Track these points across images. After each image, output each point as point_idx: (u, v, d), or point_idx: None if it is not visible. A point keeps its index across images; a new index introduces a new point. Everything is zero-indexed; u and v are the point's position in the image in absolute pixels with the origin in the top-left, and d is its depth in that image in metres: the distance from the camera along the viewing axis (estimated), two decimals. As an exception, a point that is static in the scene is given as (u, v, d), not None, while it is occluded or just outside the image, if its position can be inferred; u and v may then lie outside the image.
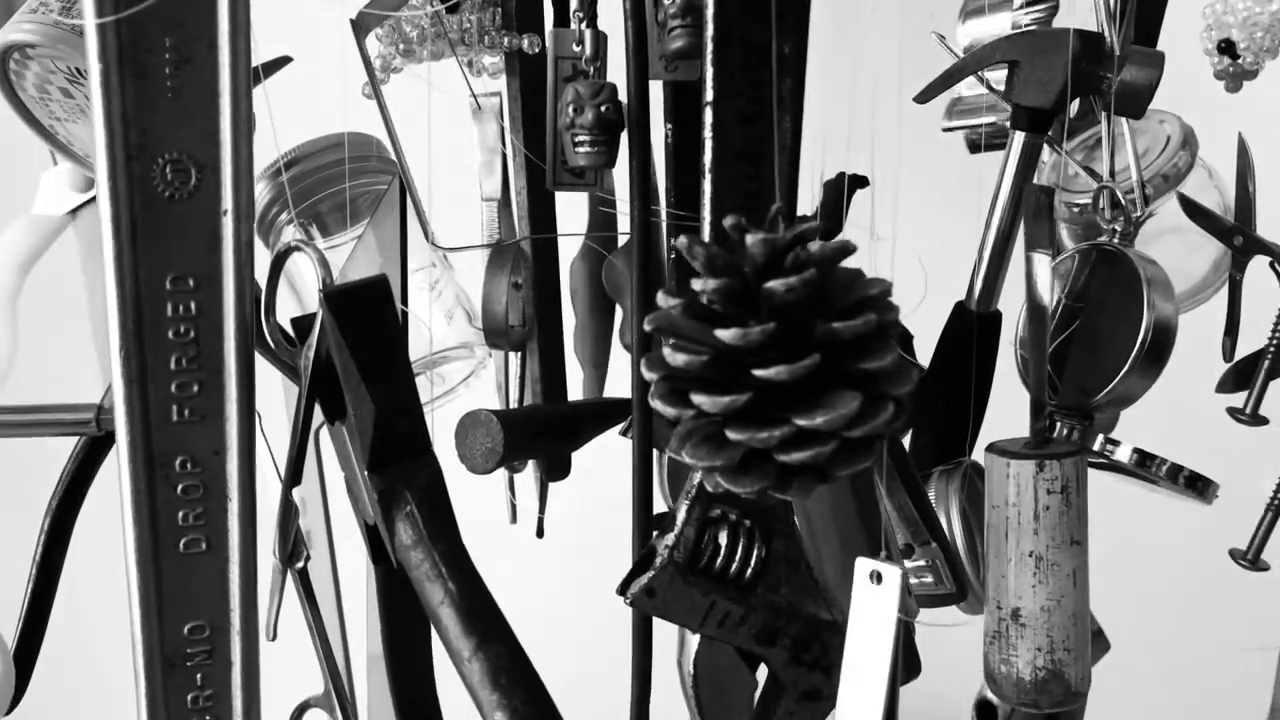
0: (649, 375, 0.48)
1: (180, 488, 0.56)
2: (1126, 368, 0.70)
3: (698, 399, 0.46)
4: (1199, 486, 0.73)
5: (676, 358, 0.47)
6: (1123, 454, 0.74)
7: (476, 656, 0.57)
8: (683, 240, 0.48)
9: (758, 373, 0.46)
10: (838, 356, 0.46)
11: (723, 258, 0.47)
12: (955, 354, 0.77)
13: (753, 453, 0.47)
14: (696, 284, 0.47)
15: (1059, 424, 0.73)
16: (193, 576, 0.57)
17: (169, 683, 0.57)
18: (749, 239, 0.46)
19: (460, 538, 0.60)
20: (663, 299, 0.48)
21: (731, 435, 0.46)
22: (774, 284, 0.45)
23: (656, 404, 0.48)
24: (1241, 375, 0.78)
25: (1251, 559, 0.77)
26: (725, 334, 0.46)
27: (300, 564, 0.64)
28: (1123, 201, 0.73)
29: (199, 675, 0.58)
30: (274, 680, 0.61)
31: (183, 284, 0.55)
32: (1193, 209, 0.77)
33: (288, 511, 0.62)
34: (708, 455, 0.47)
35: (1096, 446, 0.74)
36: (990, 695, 0.72)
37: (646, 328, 0.48)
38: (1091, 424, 0.72)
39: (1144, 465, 0.73)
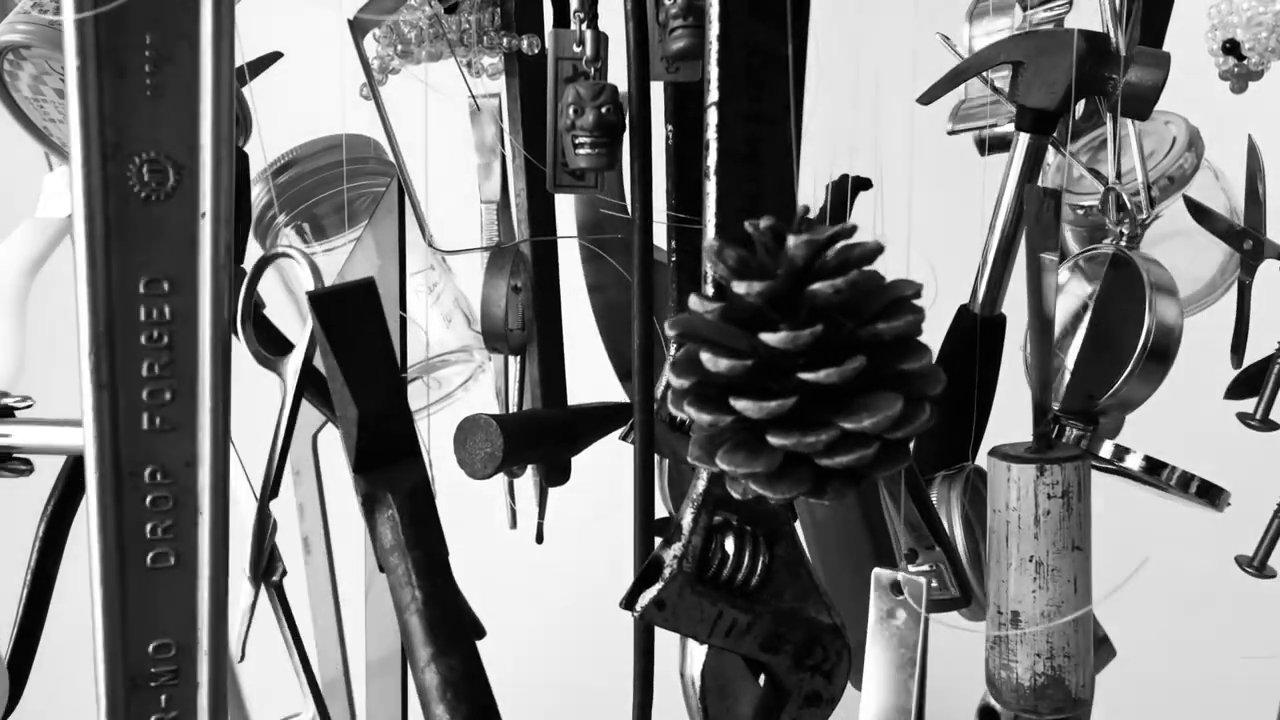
0: (679, 382, 0.47)
1: (149, 499, 0.54)
2: (1128, 371, 0.69)
3: (740, 404, 0.45)
4: (1210, 495, 0.73)
5: (719, 363, 0.46)
6: (1133, 461, 0.73)
7: (429, 667, 0.57)
8: (711, 243, 0.47)
9: (805, 376, 0.45)
10: (875, 359, 0.46)
11: (754, 261, 0.46)
12: (959, 358, 0.76)
13: (789, 458, 0.46)
14: (739, 287, 0.45)
15: (1067, 429, 0.72)
16: (159, 593, 0.54)
17: (131, 703, 0.55)
18: (791, 241, 0.45)
19: (442, 544, 0.60)
20: (696, 303, 0.47)
21: (774, 440, 0.46)
22: (821, 285, 0.45)
23: (689, 410, 0.47)
24: (1251, 381, 0.77)
25: (1258, 566, 0.77)
26: (773, 337, 0.45)
27: (276, 578, 0.63)
28: (1128, 204, 0.72)
29: (163, 696, 0.55)
30: (268, 698, 0.61)
31: (157, 287, 0.53)
32: (1200, 213, 0.76)
33: (264, 525, 0.61)
34: (744, 461, 0.46)
35: (1107, 454, 0.73)
36: (993, 701, 0.71)
37: (670, 333, 0.48)
38: (1097, 428, 0.72)
39: (1154, 473, 0.73)
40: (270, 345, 0.59)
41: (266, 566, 0.61)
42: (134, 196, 0.52)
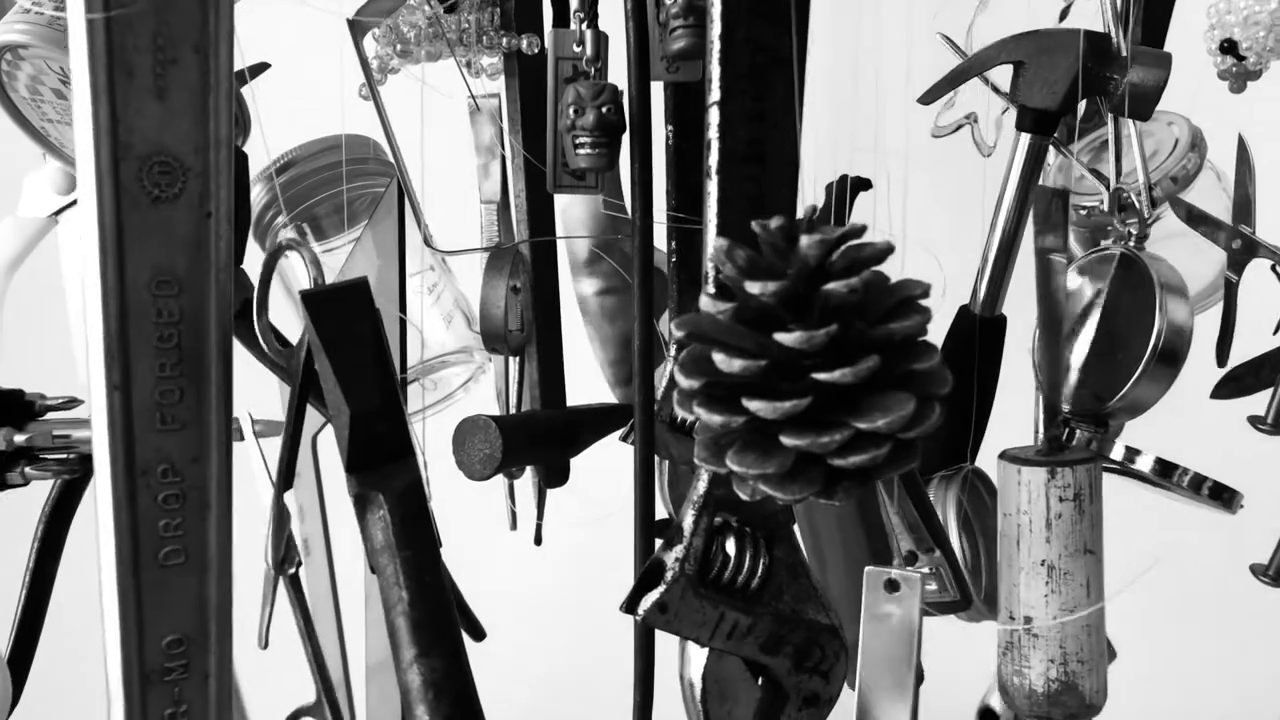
0: (688, 383, 0.47)
1: (160, 497, 0.55)
2: (1139, 373, 0.69)
3: (753, 405, 0.45)
4: (1224, 497, 0.72)
5: (732, 364, 0.46)
6: (1144, 463, 0.73)
7: (412, 668, 0.57)
8: (721, 243, 0.47)
9: (819, 376, 0.45)
10: (886, 358, 0.45)
11: (763, 261, 0.46)
12: (959, 359, 0.76)
13: (801, 458, 0.46)
14: (753, 287, 0.45)
15: (1077, 431, 0.72)
16: (171, 588, 0.55)
17: (147, 698, 0.55)
18: (804, 240, 0.45)
19: (433, 545, 0.59)
20: (708, 303, 0.47)
21: (787, 441, 0.45)
22: (835, 285, 0.45)
23: (699, 412, 0.46)
24: (1240, 380, 0.77)
25: (1273, 575, 0.76)
26: (788, 337, 0.45)
27: (292, 570, 0.63)
28: (1136, 204, 0.72)
29: (176, 690, 0.56)
30: (266, 688, 0.61)
31: (167, 288, 0.54)
32: (1188, 213, 0.76)
33: (280, 516, 0.61)
34: (755, 463, 0.46)
35: (1118, 455, 0.73)
36: (993, 703, 0.71)
37: (677, 333, 0.47)
38: (1107, 431, 0.71)
39: (1166, 475, 0.72)
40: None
41: (284, 557, 0.62)
42: (143, 198, 0.53)
